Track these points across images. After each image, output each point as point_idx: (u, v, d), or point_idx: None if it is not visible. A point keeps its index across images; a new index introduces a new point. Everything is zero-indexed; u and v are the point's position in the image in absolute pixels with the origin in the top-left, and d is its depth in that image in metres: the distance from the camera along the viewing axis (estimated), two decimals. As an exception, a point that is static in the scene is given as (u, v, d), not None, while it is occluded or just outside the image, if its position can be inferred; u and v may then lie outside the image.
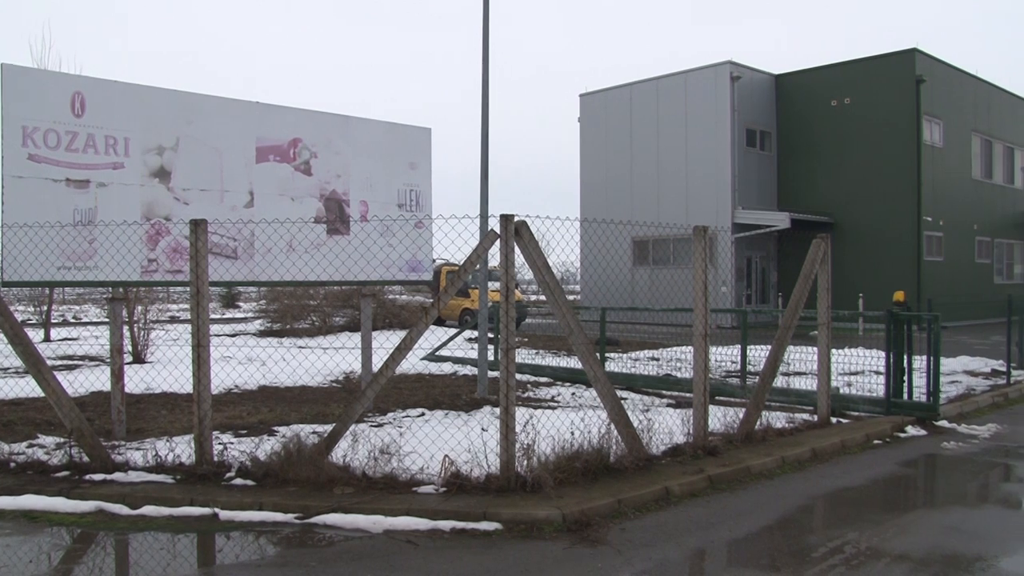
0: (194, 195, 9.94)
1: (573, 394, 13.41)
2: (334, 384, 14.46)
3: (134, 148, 9.52)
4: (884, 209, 31.01)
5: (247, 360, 17.03)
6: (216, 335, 23.07)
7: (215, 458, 7.81)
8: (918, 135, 30.41)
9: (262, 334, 25.26)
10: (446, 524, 6.48)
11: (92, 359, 17.65)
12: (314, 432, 9.14)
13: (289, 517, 6.66)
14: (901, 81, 30.74)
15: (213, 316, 33.26)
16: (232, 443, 8.84)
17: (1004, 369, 15.14)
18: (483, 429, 9.62)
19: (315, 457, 7.53)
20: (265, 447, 8.03)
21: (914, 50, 30.64)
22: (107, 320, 11.30)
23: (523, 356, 17.91)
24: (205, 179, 10.07)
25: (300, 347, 20.09)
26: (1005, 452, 9.71)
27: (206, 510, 6.80)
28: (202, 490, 7.19)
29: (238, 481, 7.44)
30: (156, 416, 10.88)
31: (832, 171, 32.44)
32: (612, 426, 8.13)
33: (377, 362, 8.85)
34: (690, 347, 9.23)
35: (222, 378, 13.35)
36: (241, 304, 40.75)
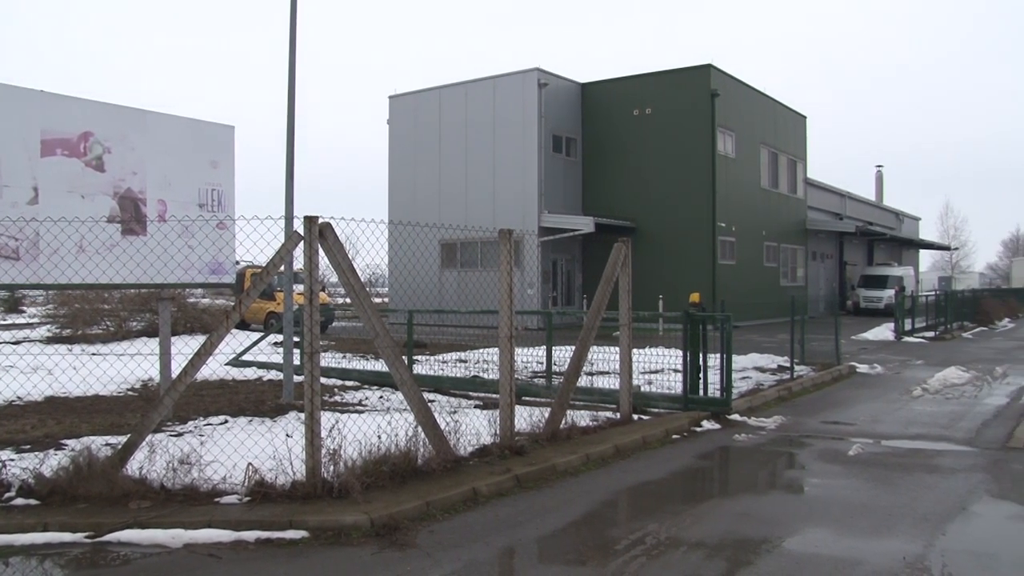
0: (-32, 191, 9.16)
1: (381, 398, 13.32)
2: (130, 392, 13.71)
3: None
4: (682, 214, 32.54)
5: (32, 369, 15.83)
6: (-4, 342, 21.38)
7: (-8, 477, 7.23)
8: (712, 145, 32.17)
9: (50, 340, 23.54)
10: (250, 535, 6.28)
11: None
12: (108, 444, 8.62)
13: (79, 536, 6.25)
14: (697, 94, 32.41)
15: (-7, 322, 30.78)
16: (13, 460, 8.19)
17: (788, 365, 16.27)
18: (288, 435, 9.39)
19: (108, 471, 7.11)
20: (51, 462, 7.49)
21: (709, 66, 32.40)
22: None
23: (331, 360, 17.63)
24: (-19, 174, 9.29)
25: (93, 354, 18.92)
26: (789, 441, 10.44)
27: (-20, 535, 6.27)
28: (-24, 512, 6.63)
29: (19, 501, 6.91)
30: (-77, 433, 9.95)
31: (634, 177, 33.73)
32: (420, 429, 8.14)
33: (177, 368, 8.45)
34: (497, 348, 9.36)
35: (0, 389, 12.40)
36: (25, 309, 37.86)
